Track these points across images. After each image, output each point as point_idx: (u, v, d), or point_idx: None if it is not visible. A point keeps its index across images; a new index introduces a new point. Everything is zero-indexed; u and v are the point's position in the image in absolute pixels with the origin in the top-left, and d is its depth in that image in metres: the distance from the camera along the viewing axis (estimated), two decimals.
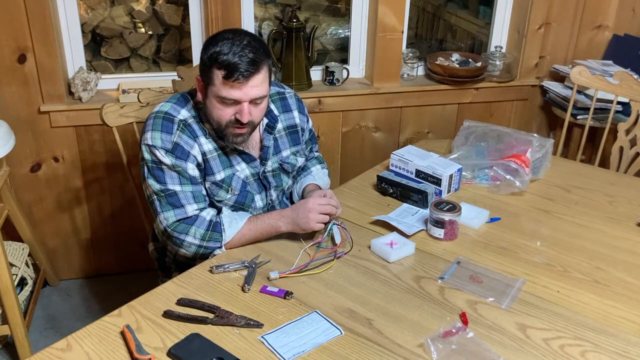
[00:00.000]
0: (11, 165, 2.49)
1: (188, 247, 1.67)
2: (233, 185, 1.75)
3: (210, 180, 1.72)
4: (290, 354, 1.30)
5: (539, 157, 2.11)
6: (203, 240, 1.65)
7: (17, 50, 2.40)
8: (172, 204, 1.65)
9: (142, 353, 1.27)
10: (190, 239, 1.65)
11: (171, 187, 1.65)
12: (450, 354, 1.30)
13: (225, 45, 1.56)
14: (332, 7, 3.02)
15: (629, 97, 2.48)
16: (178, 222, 1.65)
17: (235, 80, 1.56)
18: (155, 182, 1.66)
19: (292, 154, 1.89)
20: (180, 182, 1.66)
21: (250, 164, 1.78)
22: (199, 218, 1.65)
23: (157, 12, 2.81)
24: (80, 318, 2.61)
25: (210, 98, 1.63)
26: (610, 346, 1.36)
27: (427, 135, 3.01)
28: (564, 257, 1.69)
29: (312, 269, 1.59)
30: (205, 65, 1.61)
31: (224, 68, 1.56)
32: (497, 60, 2.99)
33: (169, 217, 1.66)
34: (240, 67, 1.55)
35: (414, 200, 1.93)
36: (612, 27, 3.03)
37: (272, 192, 1.86)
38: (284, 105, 1.88)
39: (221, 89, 1.59)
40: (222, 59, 1.55)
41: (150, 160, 1.66)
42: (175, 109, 1.70)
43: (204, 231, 1.65)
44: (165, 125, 1.66)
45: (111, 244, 2.83)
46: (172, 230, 1.66)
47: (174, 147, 1.64)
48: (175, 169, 1.65)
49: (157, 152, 1.64)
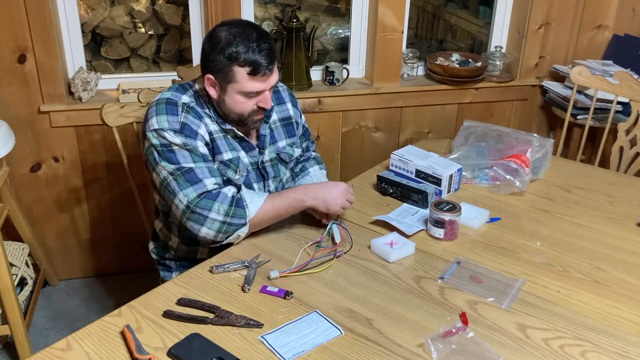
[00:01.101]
0: (11, 165, 2.49)
1: (211, 225, 1.62)
2: (240, 167, 1.76)
3: (219, 159, 1.73)
4: (290, 354, 1.30)
5: (539, 157, 2.11)
6: (227, 215, 1.62)
7: (17, 50, 2.40)
8: (190, 180, 1.63)
9: (142, 353, 1.27)
10: (214, 215, 1.61)
11: (185, 165, 1.64)
12: (450, 354, 1.30)
13: (240, 43, 1.60)
14: (332, 7, 3.02)
15: (629, 97, 2.48)
16: (199, 197, 1.62)
17: (263, 75, 1.63)
18: (168, 164, 1.64)
19: (288, 145, 1.92)
20: (193, 160, 1.65)
21: (250, 152, 1.80)
22: (221, 194, 1.63)
23: (157, 12, 2.81)
24: (80, 318, 2.61)
25: (230, 94, 1.66)
26: (610, 346, 1.36)
27: (427, 135, 3.01)
28: (564, 257, 1.69)
29: (312, 268, 1.59)
30: (221, 65, 1.63)
31: (247, 65, 1.60)
32: (497, 60, 2.99)
33: (189, 194, 1.62)
34: (263, 62, 1.61)
35: (414, 200, 1.93)
36: (612, 27, 3.04)
37: (270, 182, 1.87)
38: (277, 97, 1.92)
39: (247, 85, 1.63)
40: (243, 57, 1.60)
41: (160, 144, 1.66)
42: (176, 95, 1.72)
43: (228, 207, 1.62)
44: (170, 108, 1.68)
45: (111, 244, 2.83)
46: (195, 206, 1.61)
47: (182, 127, 1.65)
48: (186, 148, 1.65)
49: (166, 133, 1.64)
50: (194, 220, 1.63)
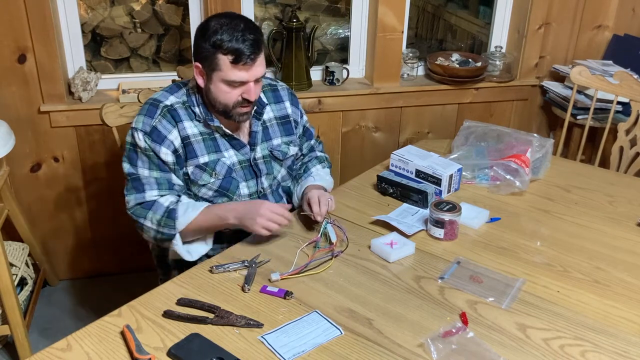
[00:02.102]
0: (11, 165, 2.49)
1: (147, 231, 1.72)
2: (217, 169, 1.78)
3: (193, 163, 1.75)
4: (290, 354, 1.30)
5: (539, 157, 2.11)
6: (159, 225, 1.69)
7: (17, 50, 2.40)
8: (135, 188, 1.72)
9: (142, 353, 1.27)
10: (148, 223, 1.70)
11: (139, 171, 1.72)
12: (450, 354, 1.30)
13: (225, 32, 1.63)
14: (332, 7, 3.02)
15: (629, 97, 2.48)
16: (137, 205, 1.72)
17: (244, 64, 1.64)
18: (127, 164, 1.74)
19: (283, 143, 1.92)
20: (149, 166, 1.72)
21: (240, 150, 1.81)
22: (156, 203, 1.70)
23: (157, 12, 2.81)
24: (80, 318, 2.61)
25: (215, 83, 1.69)
26: (610, 346, 1.36)
27: (427, 135, 3.01)
28: (564, 257, 1.69)
29: (312, 269, 1.59)
30: (207, 52, 1.65)
31: (230, 53, 1.63)
32: (497, 60, 2.99)
33: (130, 200, 1.73)
34: (246, 51, 1.62)
35: (414, 200, 1.93)
36: (612, 27, 3.03)
37: (263, 180, 1.87)
38: (275, 96, 1.94)
39: (229, 73, 1.65)
40: (227, 45, 1.62)
41: (129, 142, 1.74)
42: (164, 95, 1.77)
43: (160, 217, 1.69)
44: (150, 110, 1.74)
45: (111, 244, 2.83)
46: (132, 213, 1.73)
47: (151, 130, 1.70)
48: (146, 153, 1.71)
49: (136, 134, 1.71)
50: (136, 224, 1.75)
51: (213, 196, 1.80)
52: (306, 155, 2.04)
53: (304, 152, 2.04)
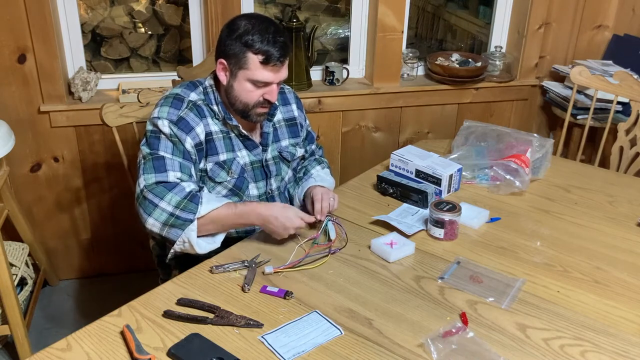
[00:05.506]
0: (11, 165, 2.49)
1: (159, 215, 1.60)
2: (233, 168, 1.78)
3: (213, 160, 1.75)
4: (290, 354, 1.30)
5: (539, 157, 2.11)
6: (177, 207, 1.59)
7: (17, 50, 2.40)
8: (156, 167, 1.64)
9: (142, 353, 1.27)
10: (164, 205, 1.60)
11: (161, 153, 1.66)
12: (450, 354, 1.30)
13: (257, 32, 1.65)
14: (332, 7, 3.03)
15: (629, 97, 2.48)
16: (156, 184, 1.62)
17: (273, 66, 1.67)
18: (146, 148, 1.69)
19: (291, 144, 1.94)
20: (172, 151, 1.67)
21: (253, 151, 1.82)
22: (179, 186, 1.62)
23: (157, 12, 2.81)
24: (80, 318, 2.62)
25: (240, 80, 1.70)
26: (610, 346, 1.36)
27: (427, 135, 3.01)
28: (564, 257, 1.69)
29: (307, 264, 1.60)
30: (235, 50, 1.66)
31: (261, 54, 1.65)
32: (497, 60, 2.99)
33: (148, 178, 1.63)
34: (276, 53, 1.65)
35: (414, 200, 1.93)
36: (612, 27, 3.04)
37: (272, 181, 1.88)
38: (283, 98, 1.96)
39: (256, 73, 1.67)
40: (258, 45, 1.64)
41: (150, 130, 1.71)
42: (185, 92, 1.77)
43: (181, 199, 1.60)
44: (175, 103, 1.72)
45: (111, 244, 2.83)
46: (149, 190, 1.61)
47: (178, 120, 1.69)
48: (171, 139, 1.68)
49: (160, 122, 1.68)
50: (144, 207, 1.62)
51: (226, 195, 1.80)
52: (306, 158, 2.05)
53: (305, 156, 2.04)
